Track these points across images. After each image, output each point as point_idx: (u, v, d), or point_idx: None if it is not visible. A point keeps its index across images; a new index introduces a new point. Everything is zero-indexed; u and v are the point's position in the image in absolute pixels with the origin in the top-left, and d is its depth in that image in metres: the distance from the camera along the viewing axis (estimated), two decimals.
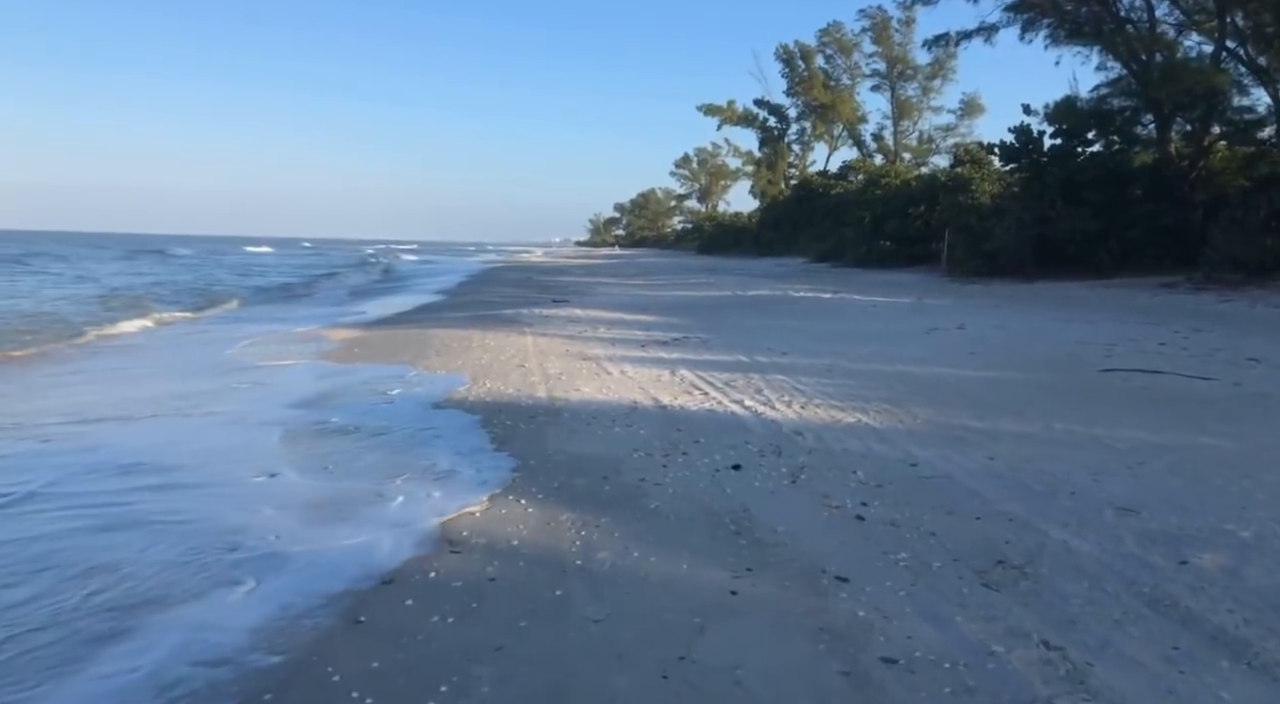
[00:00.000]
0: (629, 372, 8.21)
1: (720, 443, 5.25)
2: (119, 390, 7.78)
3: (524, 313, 14.75)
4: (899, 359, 8.38)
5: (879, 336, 10.25)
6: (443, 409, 6.57)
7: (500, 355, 9.74)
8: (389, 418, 6.33)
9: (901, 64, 64.36)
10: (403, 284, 29.39)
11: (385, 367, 9.07)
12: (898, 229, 33.81)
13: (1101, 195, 23.19)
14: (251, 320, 15.66)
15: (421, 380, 8.05)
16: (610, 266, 43.35)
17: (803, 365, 8.17)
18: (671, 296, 19.19)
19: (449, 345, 10.76)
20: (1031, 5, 27.12)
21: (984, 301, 16.37)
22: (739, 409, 6.13)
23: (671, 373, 8.04)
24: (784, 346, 9.64)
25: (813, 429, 5.46)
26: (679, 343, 10.46)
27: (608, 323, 13.00)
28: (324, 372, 8.95)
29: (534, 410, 6.43)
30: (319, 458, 5.19)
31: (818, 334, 10.83)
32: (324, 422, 6.22)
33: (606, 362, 8.96)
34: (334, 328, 13.49)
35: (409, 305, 18.97)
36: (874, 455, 4.84)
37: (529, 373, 8.32)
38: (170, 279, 28.41)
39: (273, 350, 10.74)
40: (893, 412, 5.89)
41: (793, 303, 15.97)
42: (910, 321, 11.95)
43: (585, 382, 7.68)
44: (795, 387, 7.00)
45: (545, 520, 3.99)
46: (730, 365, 8.42)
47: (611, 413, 6.22)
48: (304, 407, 6.84)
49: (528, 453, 5.17)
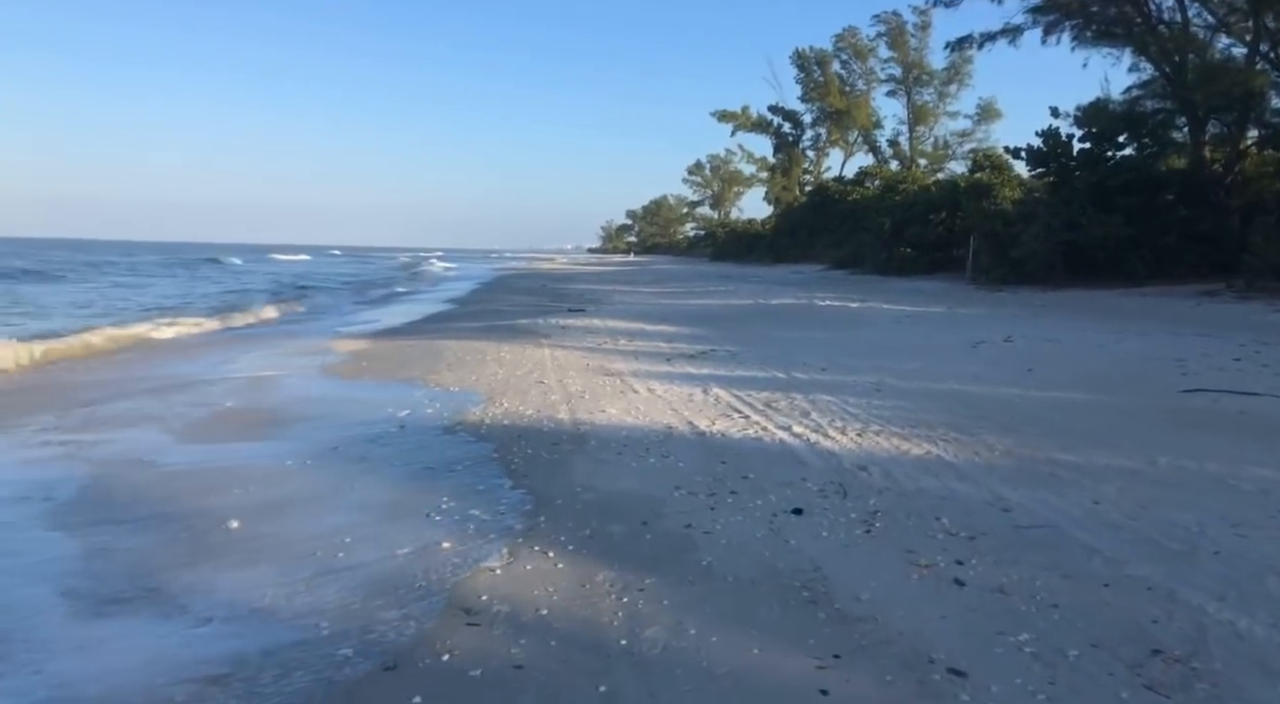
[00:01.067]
0: (657, 390, 7.57)
1: (773, 479, 4.59)
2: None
3: (540, 323, 14.14)
4: (950, 376, 7.70)
5: (922, 351, 9.57)
6: (456, 434, 5.93)
7: (517, 370, 9.12)
8: (397, 445, 5.70)
9: (917, 69, 63.69)
10: (447, 288, 30.36)
11: (395, 383, 8.46)
12: (918, 235, 33.07)
13: (1133, 200, 22.42)
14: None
15: (434, 399, 7.42)
16: (624, 274, 42.77)
17: (847, 383, 7.50)
18: (691, 305, 18.54)
19: (462, 358, 10.15)
20: (1058, 6, 26.43)
21: (1019, 311, 15.63)
22: (788, 437, 5.46)
23: (704, 391, 7.38)
24: (821, 361, 8.97)
25: (878, 463, 4.79)
26: (706, 356, 9.81)
27: (628, 334, 12.37)
28: (329, 390, 8.35)
29: (556, 436, 5.79)
30: (315, 496, 4.56)
31: (854, 348, 10.15)
32: (327, 450, 5.60)
33: (631, 378, 8.32)
34: (343, 338, 12.91)
35: (430, 312, 18.42)
36: (956, 497, 4.17)
37: (549, 390, 7.69)
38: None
39: (277, 362, 10.15)
40: (964, 441, 5.22)
41: (819, 312, 15.28)
42: (950, 333, 11.25)
43: (611, 401, 7.04)
44: (845, 409, 6.33)
45: (579, 581, 3.34)
46: (767, 382, 7.75)
47: (644, 440, 5.57)
48: (298, 436, 6.23)
49: (552, 490, 4.53)
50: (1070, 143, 24.25)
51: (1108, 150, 24.17)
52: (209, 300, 22.13)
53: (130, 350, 11.61)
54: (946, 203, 33.64)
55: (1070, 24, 26.81)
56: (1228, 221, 22.40)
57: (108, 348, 11.86)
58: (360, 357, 10.77)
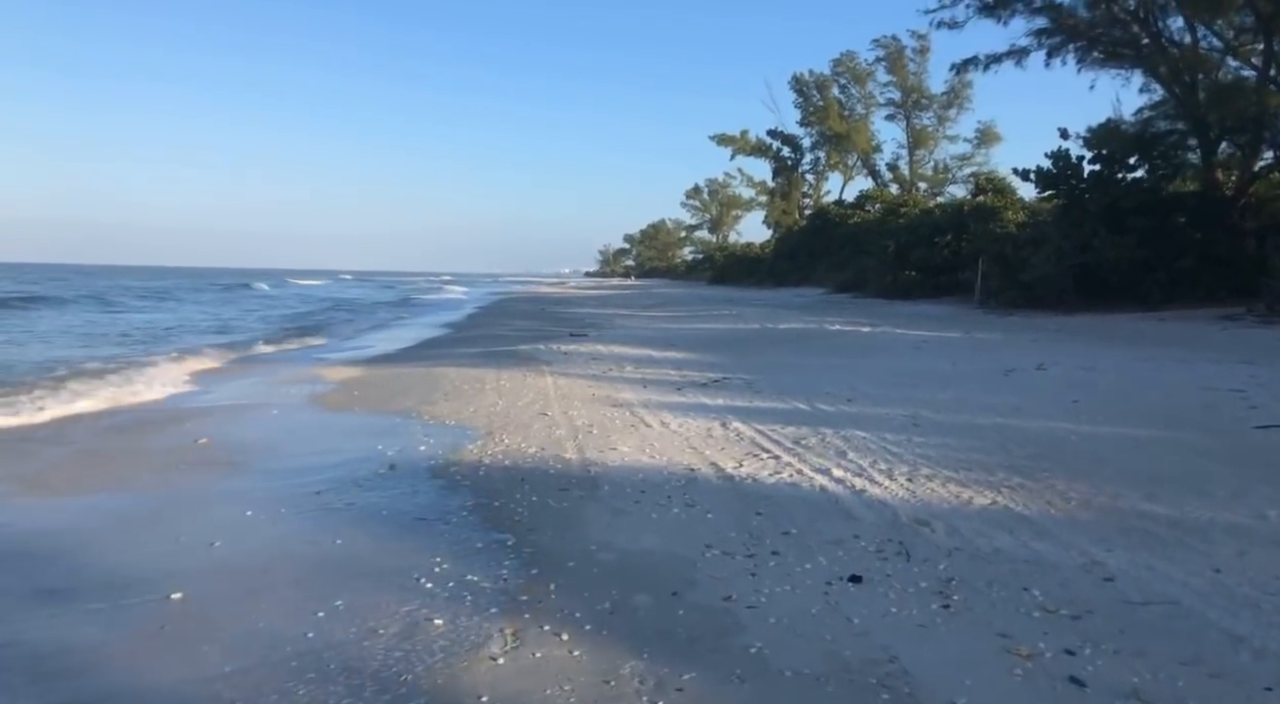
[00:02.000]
0: (671, 423, 6.93)
1: (819, 535, 3.94)
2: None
3: (541, 349, 13.52)
4: (991, 409, 7.07)
5: (951, 379, 8.95)
6: (452, 476, 5.29)
7: (518, 400, 8.49)
8: (385, 489, 5.06)
9: (916, 93, 63.76)
10: (444, 313, 30.08)
11: (387, 415, 7.82)
12: (923, 259, 32.55)
13: (1147, 223, 21.96)
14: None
15: (428, 434, 6.79)
16: (624, 297, 42.24)
17: (878, 417, 6.87)
18: (696, 330, 17.94)
19: (459, 387, 9.52)
20: (1064, 27, 26.14)
21: (1038, 336, 15.04)
22: (828, 482, 4.82)
23: (723, 425, 6.75)
24: (844, 391, 8.35)
25: (938, 515, 4.15)
26: (720, 386, 9.18)
27: (634, 361, 11.74)
28: (315, 423, 7.71)
29: (565, 479, 5.15)
30: (284, 555, 3.92)
31: (876, 376, 9.53)
32: (306, 496, 4.97)
33: (642, 410, 7.68)
34: (334, 366, 12.28)
35: (428, 336, 17.80)
36: (1043, 561, 3.52)
37: (553, 424, 7.05)
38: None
39: (264, 391, 9.51)
40: (1031, 487, 4.58)
41: (831, 338, 14.68)
42: (976, 360, 10.64)
43: (622, 437, 6.40)
44: (885, 448, 5.69)
45: (600, 674, 2.70)
46: (790, 416, 7.12)
47: (664, 484, 4.93)
48: (284, 475, 5.60)
49: (563, 548, 3.89)
50: (1080, 164, 23.82)
51: (1118, 172, 23.74)
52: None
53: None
54: (952, 225, 33.20)
55: (1076, 46, 26.53)
56: (1242, 244, 21.95)
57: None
58: (352, 385, 10.14)
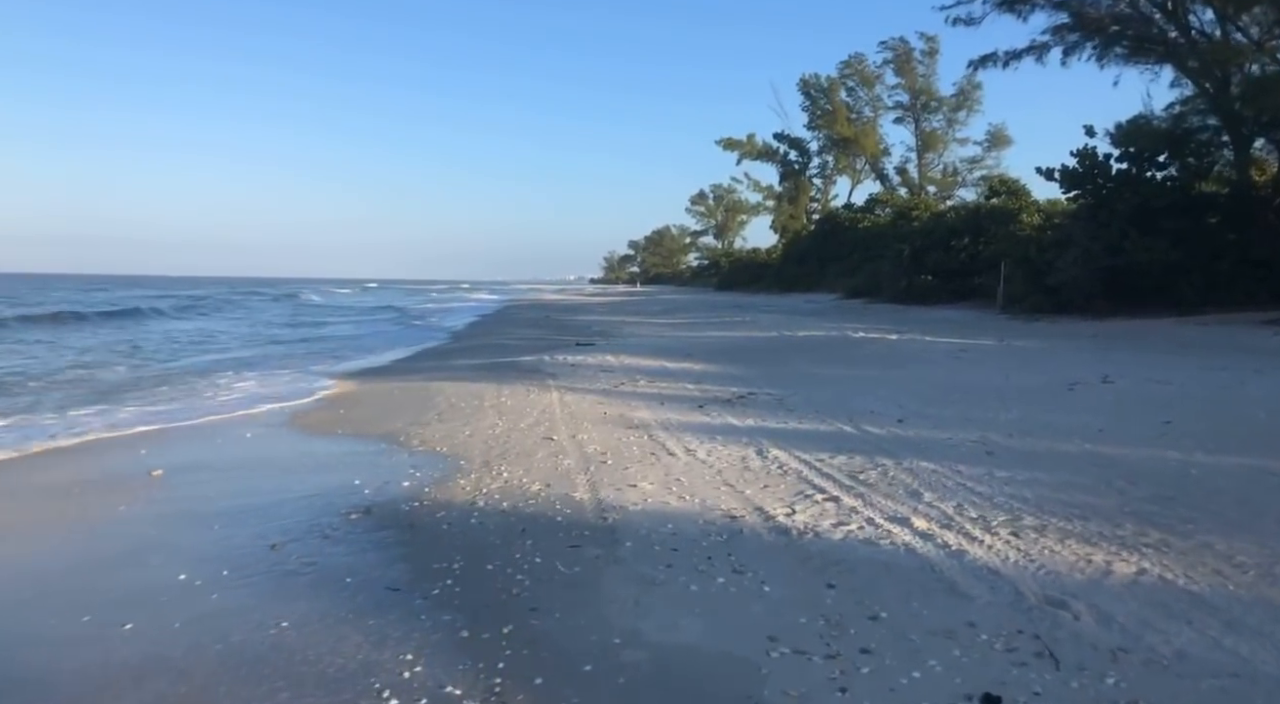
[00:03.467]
0: (698, 451, 5.94)
1: (920, 622, 2.95)
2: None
3: (546, 360, 12.54)
4: (1070, 432, 6.07)
5: (1008, 395, 7.94)
6: (438, 525, 4.31)
7: (520, 420, 7.51)
8: (356, 544, 4.09)
9: (925, 95, 62.87)
10: (453, 319, 28.83)
11: (372, 440, 6.85)
12: (940, 262, 31.54)
13: (1180, 224, 20.92)
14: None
15: (415, 465, 5.81)
16: (631, 304, 41.28)
17: (941, 442, 5.87)
18: (710, 338, 16.93)
19: (455, 405, 8.56)
20: (1088, 22, 25.14)
21: (1078, 343, 14.02)
22: (912, 538, 3.80)
23: (760, 454, 5.76)
24: (891, 409, 7.35)
25: (1074, 591, 3.13)
26: (746, 402, 8.19)
27: (648, 373, 10.76)
28: (291, 450, 6.74)
29: (574, 529, 4.16)
30: (208, 665, 2.93)
31: (921, 390, 8.53)
32: (258, 553, 3.99)
33: (662, 432, 6.70)
34: (329, 377, 11.32)
35: (431, 347, 16.83)
36: (1259, 674, 2.51)
37: (559, 451, 6.07)
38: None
39: (244, 407, 8.55)
40: (1181, 547, 3.56)
41: (857, 346, 13.67)
42: (1029, 372, 9.62)
43: (642, 469, 5.42)
44: (964, 485, 4.69)
45: None
46: (835, 440, 6.12)
47: (700, 539, 3.94)
48: (239, 519, 4.62)
49: (576, 642, 2.90)
50: (1108, 163, 22.80)
51: (1147, 170, 22.72)
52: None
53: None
54: (968, 228, 32.20)
55: (1100, 40, 25.52)
56: None
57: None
58: (340, 402, 9.18)
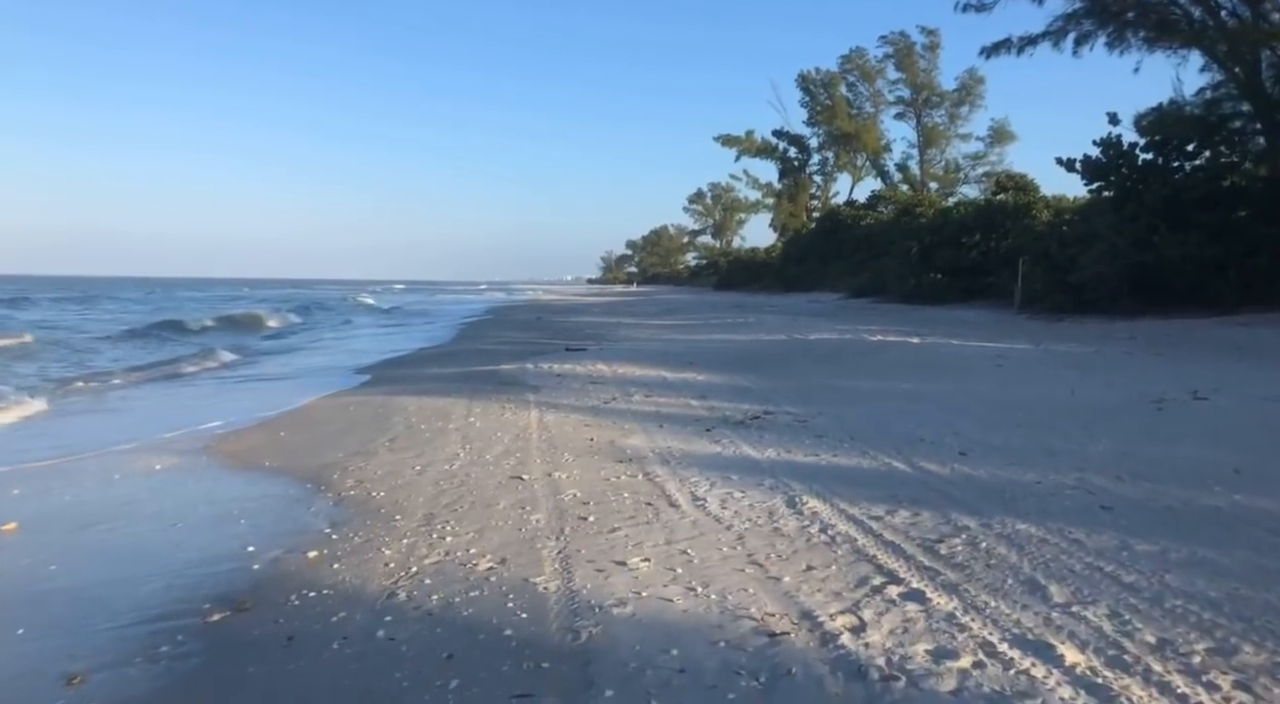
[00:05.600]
0: (709, 498, 4.52)
1: None
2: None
3: (529, 369, 11.11)
4: (1197, 472, 4.65)
5: (1086, 416, 6.53)
6: (320, 650, 2.88)
7: (487, 448, 6.10)
8: (188, 691, 2.66)
9: (927, 90, 61.60)
10: (445, 320, 26.36)
11: (293, 481, 5.43)
12: (950, 260, 30.11)
13: (1212, 216, 19.52)
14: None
15: (332, 524, 4.39)
16: (628, 305, 39.82)
17: (1028, 488, 4.45)
18: (713, 342, 15.49)
19: (414, 427, 7.15)
20: (1109, 5, 23.73)
21: (1121, 346, 12.62)
22: (1067, 688, 2.37)
23: (792, 506, 4.33)
24: (942, 434, 5.94)
25: None
26: (763, 424, 6.77)
27: (644, 385, 9.33)
28: (185, 496, 5.29)
29: (527, 656, 2.72)
30: None
31: (970, 408, 7.11)
32: (48, 687, 2.57)
33: (660, 468, 5.28)
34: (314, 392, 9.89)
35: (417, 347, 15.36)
36: None
37: (527, 501, 4.65)
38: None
39: (162, 427, 7.08)
40: None
41: (879, 352, 12.25)
42: (1095, 386, 8.20)
43: (634, 531, 3.99)
44: (1098, 567, 3.27)
45: None
46: (885, 482, 4.71)
47: (723, 686, 2.50)
48: (52, 619, 3.19)
49: None
50: (1133, 152, 21.40)
51: (1175, 160, 21.32)
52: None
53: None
54: (979, 224, 30.81)
55: (1119, 24, 24.12)
56: None
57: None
58: (284, 421, 7.75)
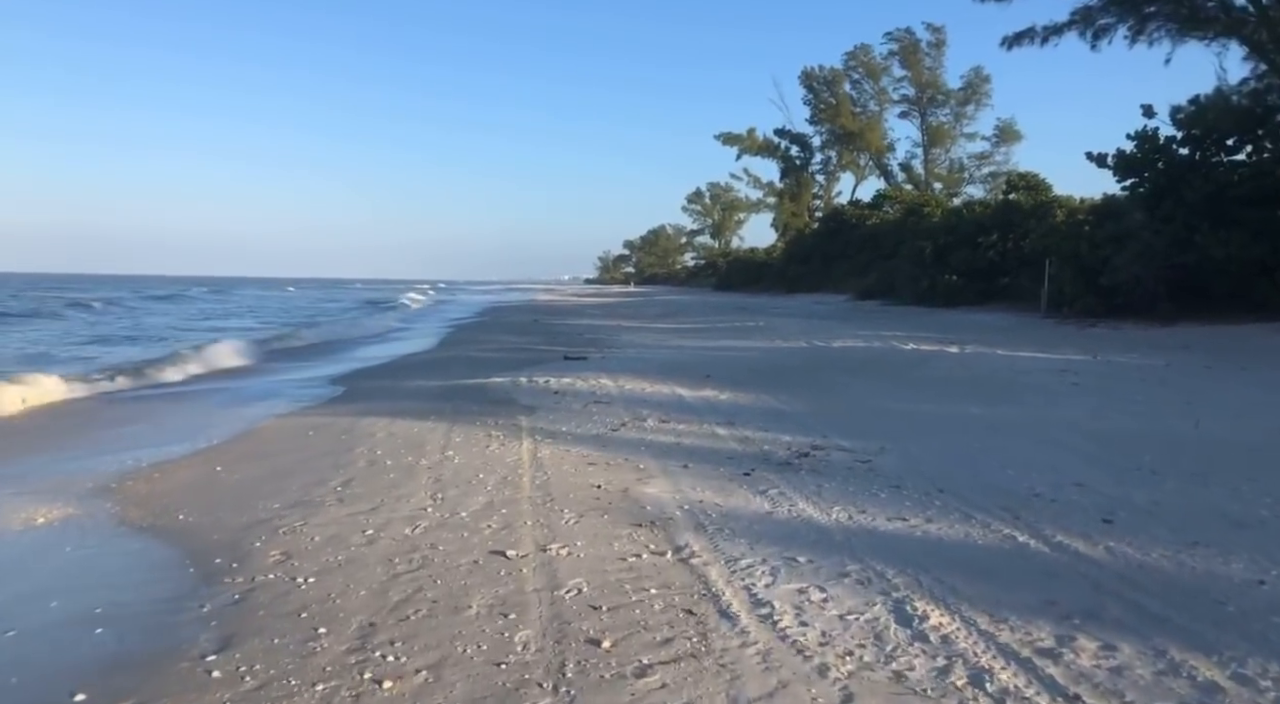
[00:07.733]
0: (777, 605, 3.11)
1: None
2: None
3: (523, 383, 9.66)
4: None
5: (1241, 460, 5.13)
6: None
7: (464, 501, 4.68)
8: None
9: (932, 89, 60.36)
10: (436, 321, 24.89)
11: (194, 557, 4.00)
12: (966, 261, 28.75)
13: (1260, 214, 18.16)
14: None
15: (220, 646, 2.96)
16: (628, 306, 38.37)
17: (1229, 582, 3.07)
18: (725, 349, 14.06)
19: (378, 463, 5.73)
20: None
21: (1177, 356, 11.23)
22: None
23: (902, 621, 2.92)
24: (1057, 483, 4.53)
25: None
26: (815, 464, 5.35)
27: (657, 406, 7.90)
28: (34, 581, 3.85)
29: None
30: None
31: (1072, 443, 5.70)
32: None
33: (694, 538, 3.86)
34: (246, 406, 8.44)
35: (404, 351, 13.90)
36: None
37: (513, 603, 3.23)
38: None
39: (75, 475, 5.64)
40: None
41: (919, 363, 10.83)
42: (1214, 414, 6.79)
43: (676, 682, 2.57)
44: None
45: None
46: (1019, 570, 3.30)
47: None
48: None
49: None
50: (1171, 146, 20.04)
51: (1215, 155, 19.96)
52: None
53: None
54: (997, 224, 29.45)
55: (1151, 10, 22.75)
56: None
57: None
58: (230, 447, 6.30)
